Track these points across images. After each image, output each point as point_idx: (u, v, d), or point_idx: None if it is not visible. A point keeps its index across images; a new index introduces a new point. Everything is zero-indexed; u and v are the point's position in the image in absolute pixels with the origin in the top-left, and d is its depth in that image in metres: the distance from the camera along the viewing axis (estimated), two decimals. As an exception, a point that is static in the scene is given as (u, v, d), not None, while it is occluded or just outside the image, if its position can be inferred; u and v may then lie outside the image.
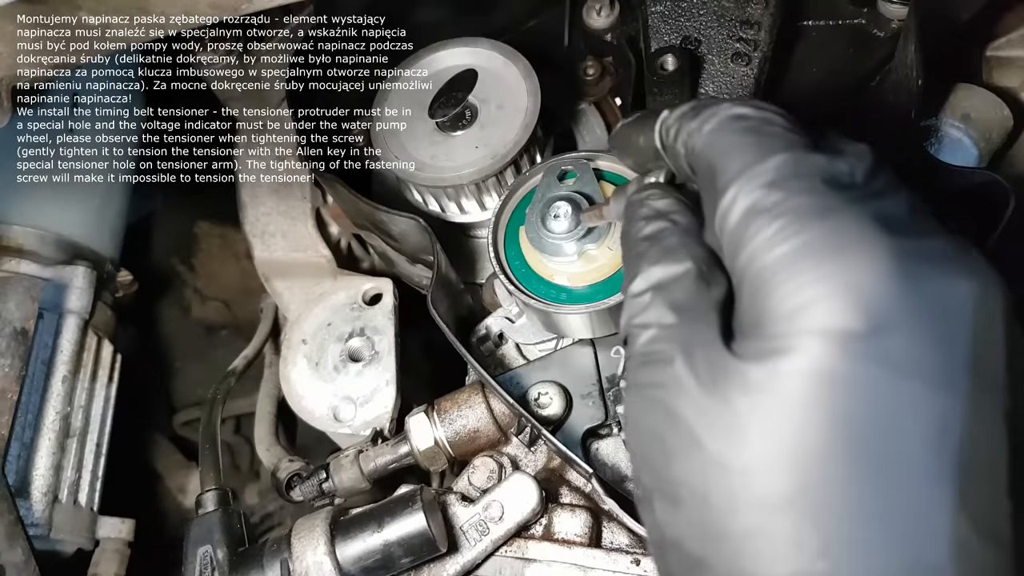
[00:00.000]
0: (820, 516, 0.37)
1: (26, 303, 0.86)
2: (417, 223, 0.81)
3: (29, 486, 0.86)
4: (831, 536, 0.36)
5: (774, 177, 0.41)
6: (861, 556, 0.36)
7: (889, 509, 0.36)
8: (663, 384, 0.42)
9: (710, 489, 0.39)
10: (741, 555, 0.38)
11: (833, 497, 0.36)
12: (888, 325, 0.36)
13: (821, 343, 0.36)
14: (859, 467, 0.36)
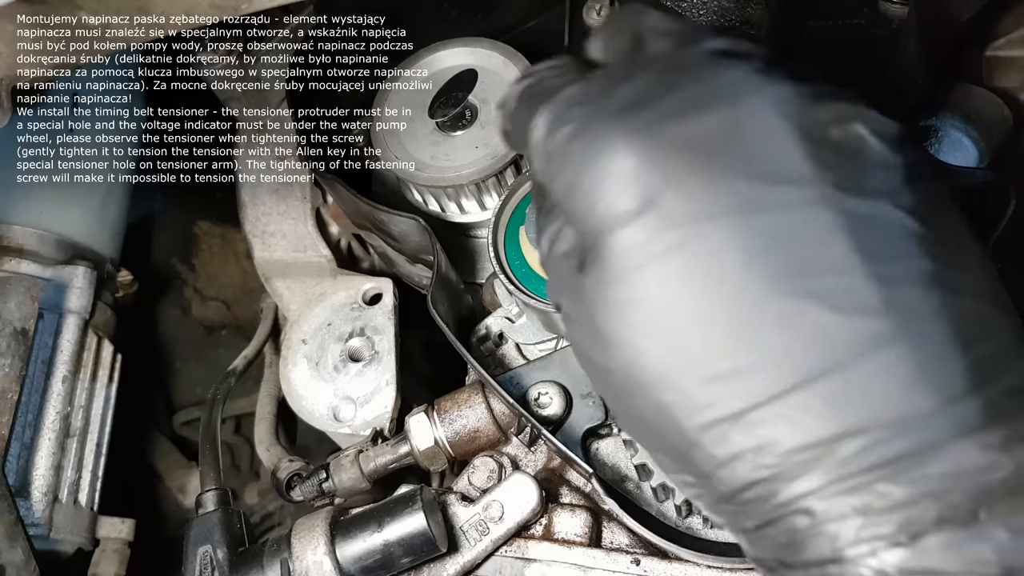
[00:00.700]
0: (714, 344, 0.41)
1: (26, 303, 0.86)
2: (417, 223, 0.81)
3: (29, 486, 0.86)
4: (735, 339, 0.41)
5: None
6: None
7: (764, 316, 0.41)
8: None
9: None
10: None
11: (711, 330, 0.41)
12: (654, 195, 0.42)
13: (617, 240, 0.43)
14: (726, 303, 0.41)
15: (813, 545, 0.40)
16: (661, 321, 0.42)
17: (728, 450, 0.42)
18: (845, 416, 0.39)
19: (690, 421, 0.42)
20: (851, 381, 0.40)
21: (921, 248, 0.41)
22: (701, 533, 0.71)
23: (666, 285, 0.42)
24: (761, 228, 0.41)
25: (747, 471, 0.41)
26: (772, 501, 0.41)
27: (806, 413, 0.40)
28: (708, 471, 0.43)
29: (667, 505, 0.72)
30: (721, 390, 0.41)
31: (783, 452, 0.40)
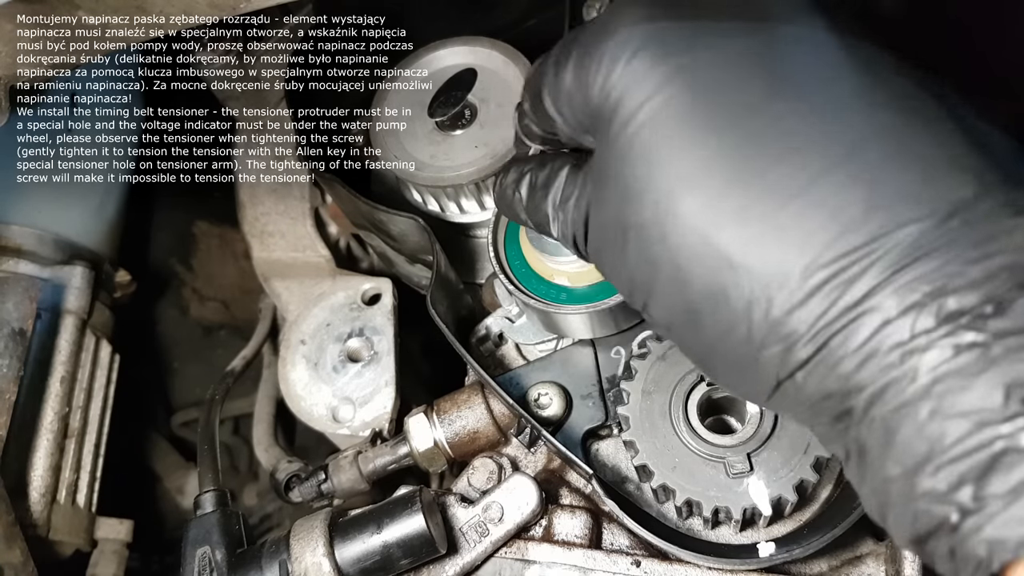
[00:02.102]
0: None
1: (24, 303, 0.86)
2: (417, 223, 0.81)
3: (27, 487, 0.85)
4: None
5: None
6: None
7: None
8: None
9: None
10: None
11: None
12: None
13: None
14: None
15: (891, 335, 0.39)
16: (679, 156, 0.45)
17: (777, 266, 0.42)
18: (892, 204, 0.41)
19: (731, 246, 0.43)
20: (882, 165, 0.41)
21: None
22: (702, 534, 0.71)
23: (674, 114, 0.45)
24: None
25: (802, 286, 0.41)
26: (838, 306, 0.41)
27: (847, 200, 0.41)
28: (759, 296, 0.43)
29: (667, 506, 0.72)
30: (748, 205, 0.43)
31: (835, 255, 0.41)
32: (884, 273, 0.40)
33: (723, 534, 0.71)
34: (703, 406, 0.71)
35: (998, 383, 0.37)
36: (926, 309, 0.39)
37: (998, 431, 0.36)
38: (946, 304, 0.39)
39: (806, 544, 0.62)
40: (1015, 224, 0.40)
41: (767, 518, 0.67)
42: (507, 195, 0.63)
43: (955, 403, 0.38)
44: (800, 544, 0.63)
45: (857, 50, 0.45)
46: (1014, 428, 0.36)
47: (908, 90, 0.45)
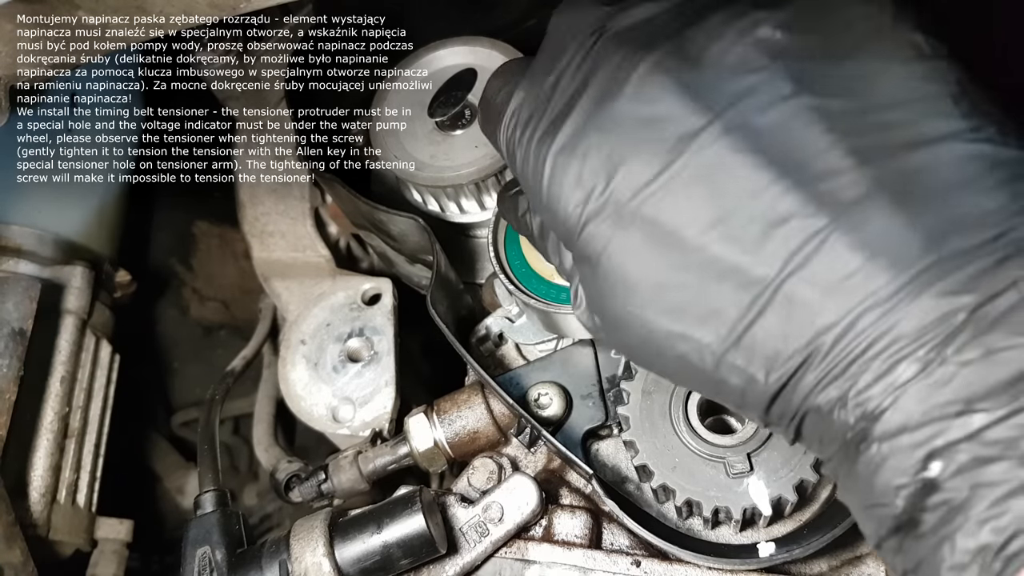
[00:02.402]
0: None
1: (24, 303, 0.86)
2: (416, 223, 0.81)
3: (27, 487, 0.85)
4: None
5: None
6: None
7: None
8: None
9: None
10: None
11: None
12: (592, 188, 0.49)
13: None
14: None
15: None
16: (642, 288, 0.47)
17: (744, 364, 0.45)
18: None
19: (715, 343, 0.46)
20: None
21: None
22: (702, 534, 0.71)
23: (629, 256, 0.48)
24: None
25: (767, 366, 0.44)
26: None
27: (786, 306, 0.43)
28: (741, 385, 0.46)
29: (667, 506, 0.72)
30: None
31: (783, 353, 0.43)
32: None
33: (723, 534, 0.71)
34: (703, 406, 0.71)
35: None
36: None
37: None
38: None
39: (806, 544, 0.62)
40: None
41: (767, 518, 0.67)
42: (504, 202, 0.63)
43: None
44: (800, 544, 0.63)
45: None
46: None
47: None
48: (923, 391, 0.38)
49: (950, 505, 0.37)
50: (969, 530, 0.36)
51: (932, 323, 0.38)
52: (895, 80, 0.44)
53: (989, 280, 0.38)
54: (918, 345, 0.38)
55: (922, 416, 0.38)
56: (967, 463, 0.37)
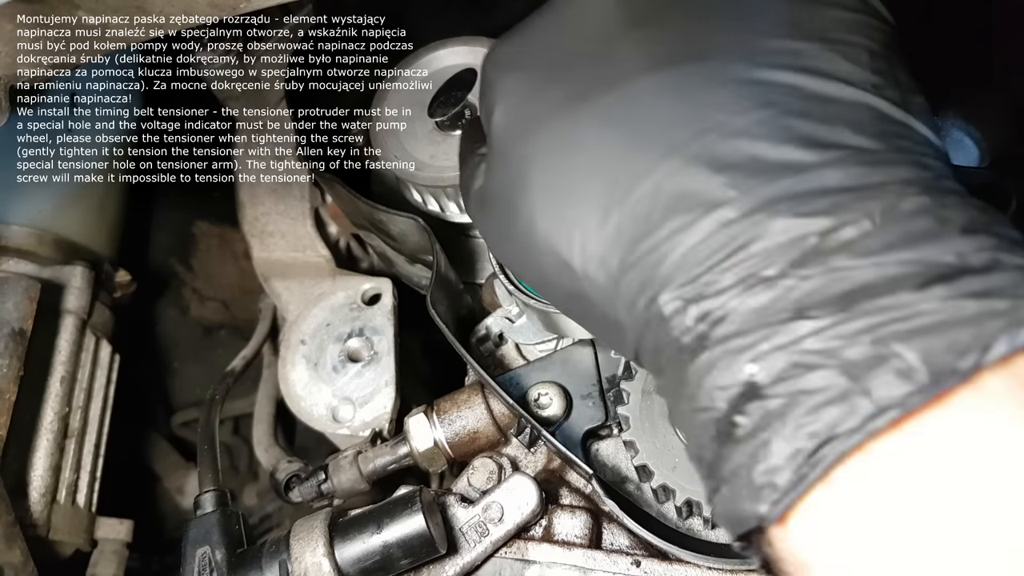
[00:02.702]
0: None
1: (24, 303, 0.86)
2: (417, 223, 0.81)
3: (27, 487, 0.85)
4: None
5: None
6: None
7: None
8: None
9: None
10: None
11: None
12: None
13: None
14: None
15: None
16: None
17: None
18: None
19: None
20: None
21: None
22: (702, 534, 0.71)
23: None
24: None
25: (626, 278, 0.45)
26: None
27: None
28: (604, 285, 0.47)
29: (667, 506, 0.72)
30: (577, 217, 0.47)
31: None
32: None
33: (723, 534, 0.71)
34: (703, 406, 0.71)
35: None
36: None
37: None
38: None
39: (806, 544, 0.62)
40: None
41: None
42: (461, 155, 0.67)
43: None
44: (800, 544, 0.62)
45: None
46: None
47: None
48: (763, 299, 0.39)
49: (767, 410, 0.38)
50: (784, 435, 0.37)
51: (786, 242, 0.39)
52: (822, 22, 0.45)
53: (844, 209, 0.39)
54: (769, 262, 0.39)
55: (756, 321, 0.39)
56: (787, 369, 0.37)
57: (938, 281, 0.37)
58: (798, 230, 0.39)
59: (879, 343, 0.36)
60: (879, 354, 0.36)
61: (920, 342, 0.36)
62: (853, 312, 0.37)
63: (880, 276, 0.37)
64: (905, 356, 0.35)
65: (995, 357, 0.35)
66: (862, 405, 0.35)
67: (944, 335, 0.35)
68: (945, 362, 0.35)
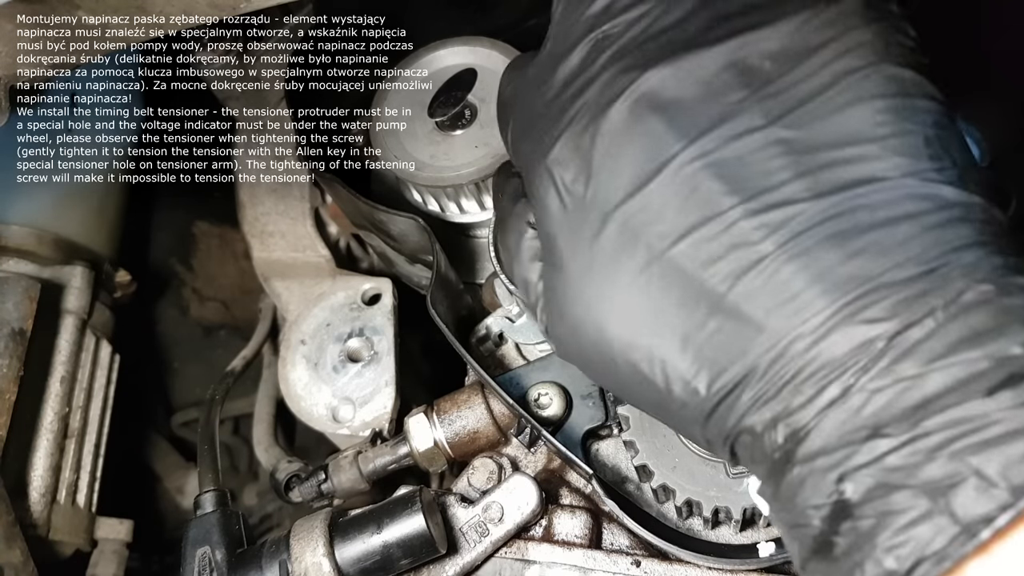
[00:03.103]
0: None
1: (24, 303, 0.86)
2: (416, 223, 0.81)
3: (27, 487, 0.85)
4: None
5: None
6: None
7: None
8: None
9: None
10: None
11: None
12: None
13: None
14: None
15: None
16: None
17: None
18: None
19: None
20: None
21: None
22: (702, 534, 0.71)
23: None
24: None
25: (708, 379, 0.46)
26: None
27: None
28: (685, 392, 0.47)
29: (667, 506, 0.72)
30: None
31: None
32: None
33: (723, 534, 0.71)
34: (703, 406, 0.71)
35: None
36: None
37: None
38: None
39: (806, 544, 0.62)
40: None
41: (767, 518, 0.67)
42: (494, 196, 0.64)
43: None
44: (800, 544, 0.62)
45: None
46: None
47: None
48: (841, 415, 0.40)
49: (859, 531, 0.38)
50: (876, 558, 0.37)
51: (855, 349, 0.40)
52: (870, 114, 0.45)
53: (909, 309, 0.40)
54: (842, 371, 0.40)
55: (838, 440, 0.40)
56: (873, 488, 0.38)
57: (1006, 385, 0.37)
58: (867, 335, 0.40)
59: (955, 458, 0.36)
60: (957, 471, 0.36)
61: (996, 454, 0.36)
62: (926, 427, 0.37)
63: (947, 383, 0.38)
64: (983, 471, 0.36)
65: None
66: (946, 525, 0.36)
67: (1021, 444, 0.36)
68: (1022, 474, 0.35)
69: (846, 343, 0.40)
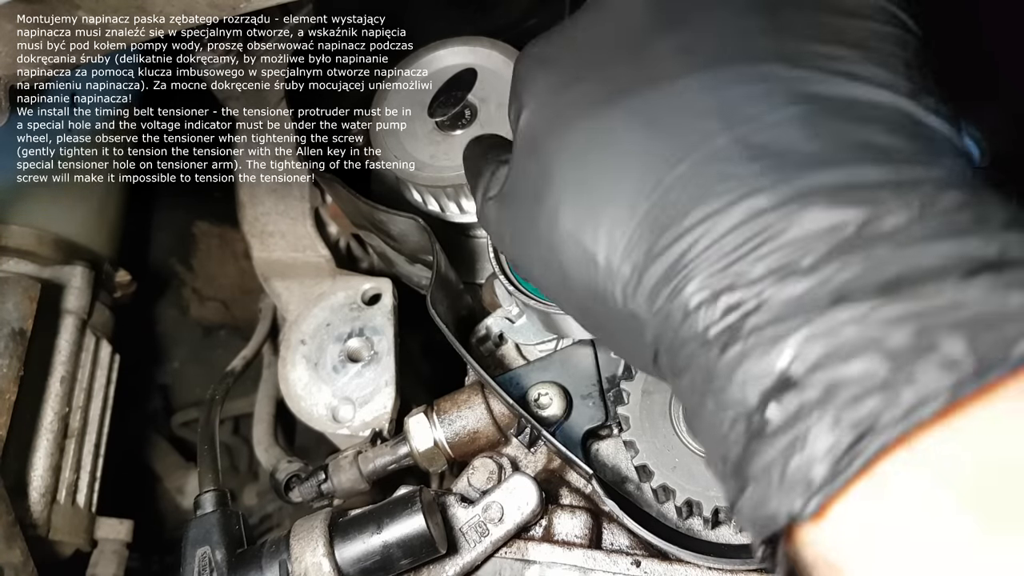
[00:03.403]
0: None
1: (24, 303, 0.86)
2: (416, 223, 0.81)
3: (27, 487, 0.85)
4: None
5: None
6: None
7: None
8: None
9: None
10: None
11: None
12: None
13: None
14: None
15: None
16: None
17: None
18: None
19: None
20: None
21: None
22: (702, 534, 0.71)
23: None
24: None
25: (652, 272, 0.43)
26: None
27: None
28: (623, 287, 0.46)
29: (667, 506, 0.72)
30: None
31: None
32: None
33: (723, 534, 0.71)
34: (703, 406, 0.71)
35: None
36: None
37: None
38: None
39: (806, 544, 0.62)
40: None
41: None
42: (466, 155, 0.67)
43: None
44: (800, 544, 0.62)
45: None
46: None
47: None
48: (799, 289, 0.37)
49: (803, 401, 0.36)
50: (821, 427, 0.35)
51: (822, 231, 0.38)
52: (861, 31, 0.45)
53: (882, 201, 0.38)
54: (804, 251, 0.38)
55: (791, 311, 0.37)
56: (825, 357, 0.35)
57: (983, 271, 0.35)
58: (835, 219, 0.38)
59: (923, 332, 0.34)
60: (924, 343, 0.34)
61: (966, 332, 0.34)
62: (896, 299, 0.35)
63: (923, 265, 0.36)
64: (951, 345, 0.34)
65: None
66: (906, 395, 0.33)
67: (990, 326, 0.34)
68: (992, 353, 0.33)
69: (814, 223, 0.38)
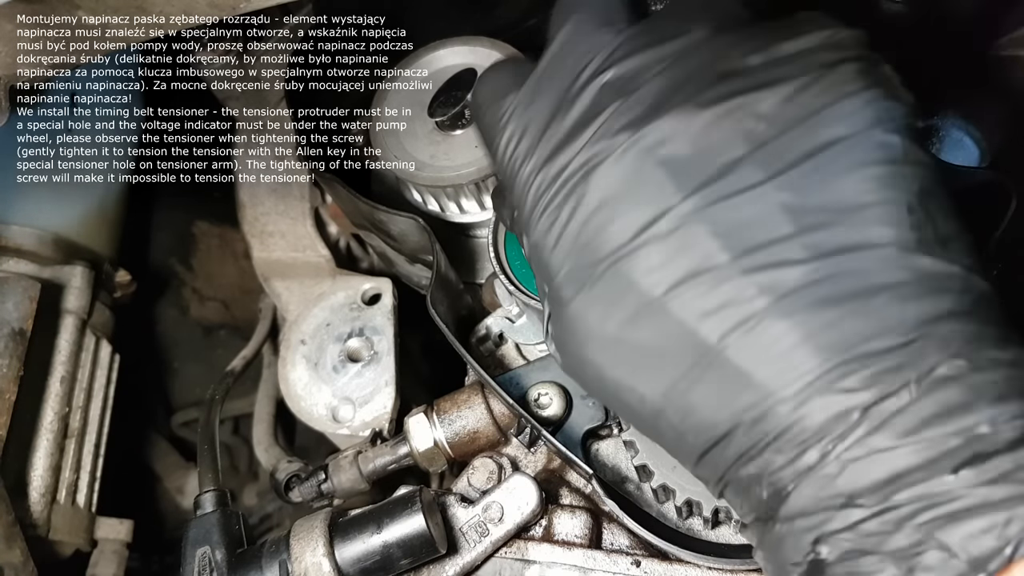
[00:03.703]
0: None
1: (24, 303, 0.86)
2: (416, 223, 0.81)
3: (27, 487, 0.85)
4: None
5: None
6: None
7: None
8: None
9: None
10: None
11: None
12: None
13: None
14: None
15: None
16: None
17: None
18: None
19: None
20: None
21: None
22: (702, 534, 0.71)
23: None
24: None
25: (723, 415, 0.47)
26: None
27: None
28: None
29: (667, 506, 0.72)
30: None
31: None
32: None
33: (723, 534, 0.71)
34: (703, 406, 0.71)
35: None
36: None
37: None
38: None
39: (806, 544, 0.62)
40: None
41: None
42: (498, 197, 0.64)
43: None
44: (800, 544, 0.62)
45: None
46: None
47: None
48: (818, 481, 0.43)
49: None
50: None
51: (833, 417, 0.43)
52: (859, 182, 0.46)
53: (885, 381, 0.42)
54: (819, 438, 0.43)
55: (815, 504, 0.43)
56: (847, 551, 0.42)
57: (970, 463, 0.40)
58: (845, 404, 0.43)
59: (921, 530, 0.40)
60: (922, 541, 0.40)
61: (957, 527, 0.39)
62: (896, 500, 0.41)
63: (917, 459, 0.41)
64: (946, 543, 0.39)
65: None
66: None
67: (980, 519, 0.39)
68: (982, 547, 0.39)
69: (825, 411, 0.43)
